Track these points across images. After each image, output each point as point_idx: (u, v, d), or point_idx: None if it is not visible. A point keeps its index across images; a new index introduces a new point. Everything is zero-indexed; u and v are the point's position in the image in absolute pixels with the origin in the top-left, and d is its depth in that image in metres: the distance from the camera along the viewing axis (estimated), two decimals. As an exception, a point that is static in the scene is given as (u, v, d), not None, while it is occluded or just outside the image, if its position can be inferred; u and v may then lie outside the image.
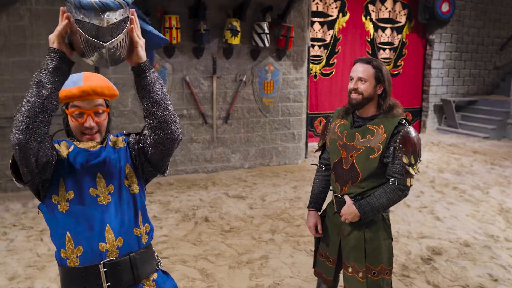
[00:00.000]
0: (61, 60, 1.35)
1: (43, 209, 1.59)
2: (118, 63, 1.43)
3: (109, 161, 1.60)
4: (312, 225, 2.40)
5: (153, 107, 1.46)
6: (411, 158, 2.12)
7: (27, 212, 4.71)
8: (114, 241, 1.53)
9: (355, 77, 2.18)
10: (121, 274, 1.54)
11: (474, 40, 10.26)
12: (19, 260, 3.61)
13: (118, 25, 1.34)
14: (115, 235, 1.54)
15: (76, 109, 1.56)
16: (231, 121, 6.55)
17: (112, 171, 1.60)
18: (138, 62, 1.44)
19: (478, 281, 3.36)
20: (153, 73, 1.47)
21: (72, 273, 1.53)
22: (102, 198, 1.56)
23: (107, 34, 1.32)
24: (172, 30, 5.68)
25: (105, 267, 1.51)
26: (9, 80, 5.24)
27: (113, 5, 1.29)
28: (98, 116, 1.59)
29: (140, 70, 1.45)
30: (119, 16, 1.33)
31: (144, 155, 1.64)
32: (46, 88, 1.32)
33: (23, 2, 5.18)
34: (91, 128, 1.58)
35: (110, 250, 1.53)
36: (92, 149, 1.60)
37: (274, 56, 6.70)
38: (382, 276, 2.22)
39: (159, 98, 1.46)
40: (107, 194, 1.57)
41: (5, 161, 5.33)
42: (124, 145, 1.68)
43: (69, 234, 1.52)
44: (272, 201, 5.20)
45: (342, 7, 8.44)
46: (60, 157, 1.55)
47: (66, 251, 1.52)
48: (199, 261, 3.65)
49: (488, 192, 5.60)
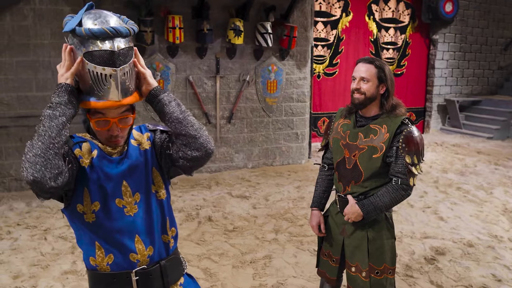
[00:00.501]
0: (73, 94, 1.36)
1: (66, 214, 1.51)
2: (128, 95, 1.42)
3: (135, 166, 1.52)
4: (315, 225, 2.40)
5: (176, 127, 1.44)
6: (414, 157, 2.12)
7: (31, 211, 4.73)
8: (144, 251, 1.52)
9: (358, 77, 2.18)
10: (152, 282, 1.54)
11: (478, 40, 10.22)
12: (23, 259, 3.63)
13: (126, 51, 1.38)
14: (145, 245, 1.52)
15: (100, 117, 1.44)
16: (234, 121, 6.55)
17: (139, 178, 1.53)
18: (148, 89, 1.46)
19: (482, 281, 3.35)
20: (166, 96, 1.47)
21: (103, 278, 1.51)
22: (129, 209, 1.51)
23: (118, 60, 1.35)
24: (175, 30, 5.69)
25: (137, 276, 1.51)
26: (13, 79, 5.26)
27: (123, 30, 1.34)
28: (124, 122, 1.48)
29: (152, 96, 1.46)
30: (126, 43, 1.37)
31: (171, 161, 1.54)
32: (58, 120, 1.30)
33: (26, 2, 5.21)
34: (116, 136, 1.48)
35: (141, 260, 1.52)
36: (116, 155, 1.51)
37: (277, 56, 6.70)
38: (385, 276, 2.22)
39: (178, 116, 1.45)
40: (133, 204, 1.51)
41: (9, 160, 5.35)
42: (149, 146, 1.58)
43: (98, 244, 1.48)
44: (276, 201, 5.20)
45: (345, 7, 8.43)
46: (83, 164, 1.46)
47: (96, 259, 1.50)
48: (202, 260, 3.66)
49: (492, 193, 5.58)
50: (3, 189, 5.37)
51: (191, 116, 1.47)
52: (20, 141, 5.35)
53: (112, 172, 1.49)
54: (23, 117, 5.31)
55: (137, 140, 1.58)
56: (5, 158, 5.34)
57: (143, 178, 1.53)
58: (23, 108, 5.33)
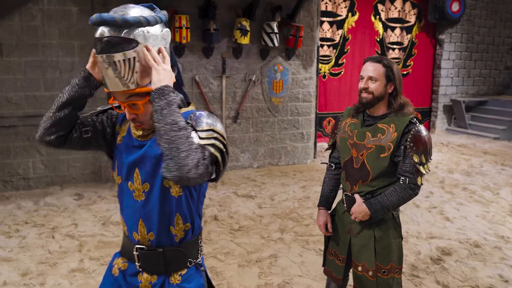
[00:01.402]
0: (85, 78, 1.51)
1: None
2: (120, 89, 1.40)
3: (150, 157, 1.51)
4: (322, 224, 2.41)
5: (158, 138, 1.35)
6: (422, 157, 2.13)
7: (39, 210, 4.77)
8: (145, 235, 1.57)
9: (366, 76, 2.17)
10: (151, 264, 1.59)
11: (485, 40, 10.17)
12: (31, 257, 3.66)
13: (116, 42, 1.35)
14: (146, 230, 1.57)
15: (114, 100, 1.51)
16: (240, 120, 6.57)
17: (151, 169, 1.52)
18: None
19: (488, 282, 3.34)
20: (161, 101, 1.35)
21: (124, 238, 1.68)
22: (137, 194, 1.56)
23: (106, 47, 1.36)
24: (182, 29, 5.71)
25: (137, 251, 1.59)
26: (22, 79, 5.30)
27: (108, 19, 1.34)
28: (134, 108, 1.46)
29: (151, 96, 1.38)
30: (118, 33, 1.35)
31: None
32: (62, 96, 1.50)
33: (35, 3, 5.25)
34: (133, 119, 1.49)
35: (142, 241, 1.58)
36: (139, 139, 1.55)
37: (283, 56, 6.71)
38: (392, 275, 2.22)
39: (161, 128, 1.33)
40: (141, 192, 1.55)
41: (17, 159, 5.40)
42: None
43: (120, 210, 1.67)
44: (281, 201, 5.21)
45: (351, 7, 8.42)
46: (118, 141, 1.61)
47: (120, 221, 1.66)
48: (208, 259, 3.67)
49: (499, 193, 5.56)
50: (11, 188, 5.42)
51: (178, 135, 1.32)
52: (28, 140, 5.40)
53: (129, 156, 1.56)
54: (31, 117, 5.35)
55: None
56: (13, 157, 5.39)
57: (157, 171, 1.50)
58: (31, 107, 5.38)
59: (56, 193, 5.30)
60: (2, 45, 5.17)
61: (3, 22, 5.15)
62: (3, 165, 5.35)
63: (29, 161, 5.46)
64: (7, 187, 5.40)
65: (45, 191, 5.39)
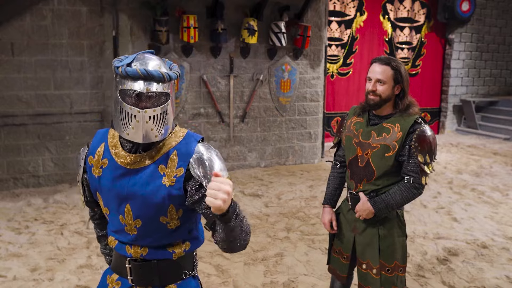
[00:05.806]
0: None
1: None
2: (152, 140, 1.43)
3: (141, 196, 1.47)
4: (327, 221, 2.42)
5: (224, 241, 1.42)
6: (427, 157, 2.12)
7: (48, 207, 4.84)
8: (138, 250, 1.54)
9: (374, 79, 2.16)
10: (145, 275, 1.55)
11: (495, 40, 10.06)
12: (40, 253, 3.72)
13: (157, 96, 1.40)
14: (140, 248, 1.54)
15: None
16: (247, 120, 6.59)
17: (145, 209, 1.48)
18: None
19: (495, 283, 3.32)
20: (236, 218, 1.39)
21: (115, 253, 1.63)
22: (129, 229, 1.52)
23: (145, 102, 1.39)
24: (190, 29, 5.74)
25: (129, 264, 1.55)
26: (32, 78, 5.38)
27: (155, 74, 1.37)
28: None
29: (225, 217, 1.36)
30: (160, 88, 1.40)
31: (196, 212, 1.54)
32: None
33: (46, 3, 5.32)
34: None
35: (134, 256, 1.55)
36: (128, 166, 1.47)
37: (291, 56, 6.72)
38: (396, 273, 2.22)
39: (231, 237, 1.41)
40: (133, 227, 1.51)
41: (27, 157, 5.47)
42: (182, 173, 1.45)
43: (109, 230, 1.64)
44: (288, 200, 5.22)
45: (359, 6, 8.39)
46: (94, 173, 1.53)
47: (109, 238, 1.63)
48: (214, 257, 3.70)
49: (508, 194, 5.50)
50: (21, 185, 5.50)
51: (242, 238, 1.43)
52: (38, 138, 5.47)
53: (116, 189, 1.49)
54: (41, 115, 5.43)
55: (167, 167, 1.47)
56: (23, 155, 5.47)
57: (151, 210, 1.47)
58: (41, 106, 5.45)
59: (65, 191, 5.37)
60: (13, 44, 5.25)
61: (14, 22, 5.23)
62: (14, 162, 5.43)
63: (39, 159, 5.54)
64: (17, 184, 5.48)
65: (54, 189, 5.46)
